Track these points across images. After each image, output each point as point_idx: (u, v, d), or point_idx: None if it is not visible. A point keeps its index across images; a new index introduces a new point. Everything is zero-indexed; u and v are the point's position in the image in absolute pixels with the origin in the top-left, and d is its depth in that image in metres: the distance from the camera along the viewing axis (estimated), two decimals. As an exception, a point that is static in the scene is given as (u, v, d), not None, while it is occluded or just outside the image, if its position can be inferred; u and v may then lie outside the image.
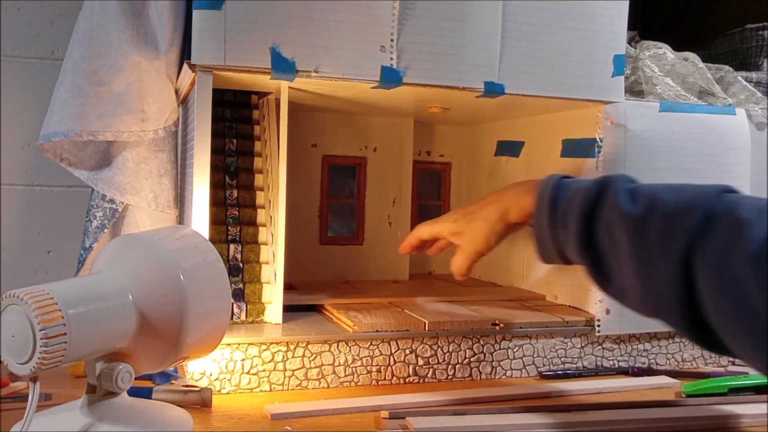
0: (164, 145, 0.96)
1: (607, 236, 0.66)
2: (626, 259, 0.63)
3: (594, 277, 0.68)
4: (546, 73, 0.88)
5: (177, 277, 0.61)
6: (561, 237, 0.71)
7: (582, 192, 0.69)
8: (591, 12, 0.89)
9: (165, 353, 0.63)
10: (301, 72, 0.79)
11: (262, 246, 0.87)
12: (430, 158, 1.28)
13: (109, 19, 0.91)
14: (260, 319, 0.84)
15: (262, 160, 0.91)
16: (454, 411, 0.73)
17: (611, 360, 0.93)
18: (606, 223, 0.66)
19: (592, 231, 0.67)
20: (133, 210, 0.98)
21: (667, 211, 0.61)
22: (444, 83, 0.84)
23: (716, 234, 0.56)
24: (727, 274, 0.54)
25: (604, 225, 0.66)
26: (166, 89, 0.94)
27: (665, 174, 0.93)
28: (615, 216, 0.65)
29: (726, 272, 0.54)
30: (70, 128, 0.91)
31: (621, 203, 0.64)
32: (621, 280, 0.65)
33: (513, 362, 0.88)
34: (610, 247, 0.65)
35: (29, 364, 0.55)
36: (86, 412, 0.61)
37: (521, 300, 1.02)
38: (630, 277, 0.63)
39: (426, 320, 0.84)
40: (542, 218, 0.73)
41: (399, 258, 1.19)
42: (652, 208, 0.62)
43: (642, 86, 1.00)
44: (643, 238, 0.62)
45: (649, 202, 0.63)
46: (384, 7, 0.81)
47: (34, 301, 0.55)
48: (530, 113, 1.08)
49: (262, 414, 0.72)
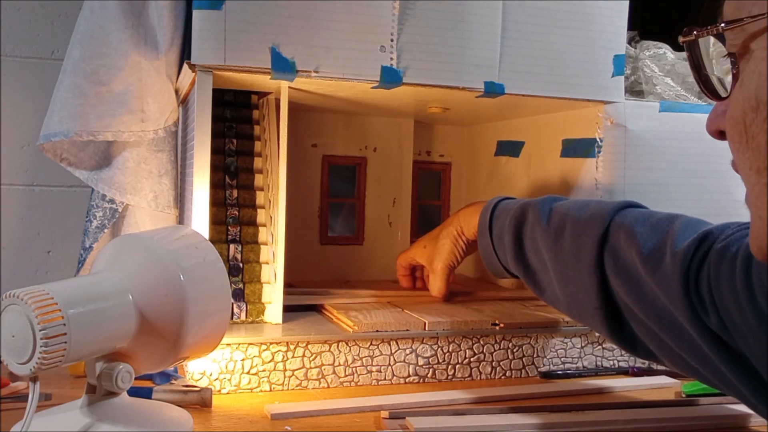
0: (164, 145, 0.96)
1: (533, 252, 0.74)
2: (551, 271, 0.71)
3: (531, 288, 0.77)
4: (546, 73, 0.88)
5: (177, 277, 0.61)
6: (501, 254, 0.80)
7: (511, 213, 0.77)
8: (591, 12, 0.89)
9: (165, 353, 0.62)
10: (301, 72, 0.79)
11: (262, 246, 0.87)
12: (430, 158, 1.28)
13: (109, 19, 0.91)
14: (260, 319, 0.84)
15: (262, 160, 0.91)
16: (454, 411, 0.73)
17: (611, 360, 0.93)
18: (532, 241, 0.74)
19: (522, 248, 0.76)
20: (133, 210, 0.98)
21: (577, 224, 0.69)
22: (444, 83, 0.84)
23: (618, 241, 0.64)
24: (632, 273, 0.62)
25: (530, 242, 0.74)
26: (166, 89, 0.94)
27: (665, 174, 0.93)
28: (537, 233, 0.73)
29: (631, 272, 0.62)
30: (70, 128, 0.91)
31: (541, 221, 0.73)
32: (551, 289, 0.73)
33: (513, 362, 0.88)
34: (537, 262, 0.74)
35: (29, 364, 0.55)
36: (86, 412, 0.61)
37: (521, 300, 1.02)
38: (556, 286, 0.71)
39: (426, 320, 0.84)
40: (484, 238, 0.82)
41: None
42: (564, 222, 0.70)
43: (642, 86, 1.01)
44: (560, 250, 0.70)
45: (562, 218, 0.71)
46: (384, 7, 0.81)
47: (34, 301, 0.55)
48: (530, 113, 1.08)
49: (262, 414, 0.72)
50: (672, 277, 0.58)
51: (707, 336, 0.56)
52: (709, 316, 0.55)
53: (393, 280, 1.18)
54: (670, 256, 0.59)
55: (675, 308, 0.58)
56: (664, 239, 0.61)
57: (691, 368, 0.61)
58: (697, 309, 0.56)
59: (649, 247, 0.61)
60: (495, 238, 0.80)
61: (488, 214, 0.81)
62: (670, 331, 0.60)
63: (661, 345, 0.62)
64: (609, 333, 0.67)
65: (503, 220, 0.79)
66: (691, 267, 0.57)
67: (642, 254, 0.61)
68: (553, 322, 0.89)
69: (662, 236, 0.61)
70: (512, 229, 0.76)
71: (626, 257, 0.63)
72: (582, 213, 0.69)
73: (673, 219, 0.63)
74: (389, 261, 1.18)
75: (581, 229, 0.68)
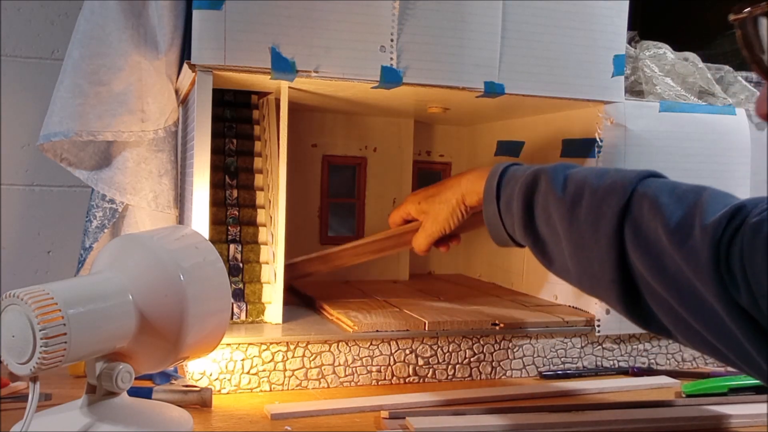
0: (164, 145, 0.96)
1: (545, 221, 0.70)
2: (563, 241, 0.68)
3: (539, 259, 0.73)
4: (546, 73, 0.88)
5: (177, 277, 0.61)
6: (508, 223, 0.76)
7: (522, 180, 0.73)
8: (591, 12, 0.89)
9: (165, 353, 0.62)
10: (301, 72, 0.79)
11: (262, 246, 0.87)
12: (430, 158, 1.28)
13: (109, 19, 0.91)
14: (260, 319, 0.84)
15: (262, 160, 0.91)
16: (454, 411, 0.73)
17: (611, 360, 0.93)
18: (543, 210, 0.70)
19: (533, 217, 0.72)
20: (133, 210, 0.98)
21: (595, 193, 0.65)
22: (444, 83, 0.84)
23: (641, 213, 0.61)
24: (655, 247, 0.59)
25: (542, 211, 0.70)
26: (166, 89, 0.94)
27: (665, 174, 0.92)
28: (551, 202, 0.69)
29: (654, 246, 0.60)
30: (70, 128, 0.91)
31: (556, 190, 0.69)
32: (562, 261, 0.70)
33: (513, 362, 0.88)
34: (550, 232, 0.70)
35: (29, 364, 0.55)
36: (86, 412, 0.61)
37: (521, 300, 1.02)
38: (568, 258, 0.68)
39: (426, 320, 0.84)
40: (490, 206, 0.77)
41: (399, 258, 1.19)
42: (582, 192, 0.67)
43: (642, 86, 1.01)
44: (576, 221, 0.66)
45: (579, 187, 0.67)
46: (384, 7, 0.81)
47: (34, 301, 0.55)
48: (530, 113, 1.08)
49: (262, 414, 0.72)
50: (701, 251, 0.55)
51: (735, 313, 0.54)
52: (739, 292, 0.53)
53: (393, 281, 1.18)
54: (700, 229, 0.56)
55: (702, 283, 0.56)
56: (692, 211, 0.58)
57: (709, 345, 0.59)
58: (727, 284, 0.54)
59: (675, 219, 0.58)
60: (502, 206, 0.76)
61: (495, 181, 0.77)
62: (691, 306, 0.58)
63: (678, 321, 0.60)
64: (623, 307, 0.65)
65: (512, 187, 0.75)
66: (722, 241, 0.55)
67: (668, 226, 0.58)
68: (553, 322, 0.89)
69: (690, 208, 0.59)
70: (522, 197, 0.72)
71: (649, 229, 0.60)
72: (601, 182, 0.66)
73: (701, 191, 0.61)
74: (389, 261, 1.19)
75: (600, 198, 0.65)
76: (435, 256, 1.29)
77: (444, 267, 1.30)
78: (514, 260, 1.14)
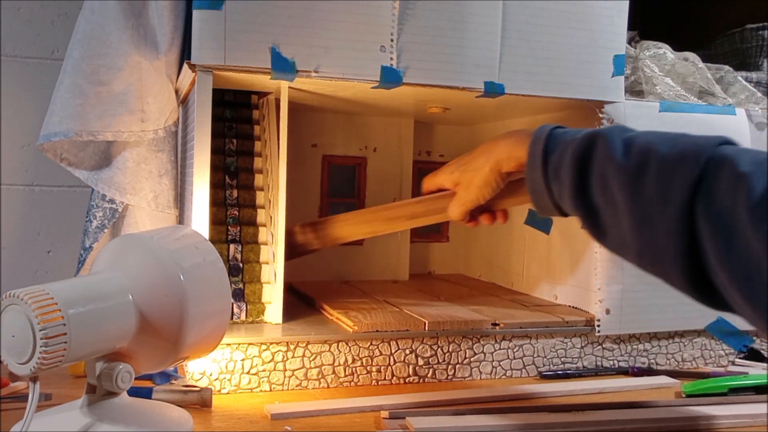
0: (164, 145, 0.96)
1: (602, 190, 0.64)
2: (623, 212, 0.62)
3: (590, 231, 0.67)
4: (546, 73, 0.88)
5: (177, 277, 0.61)
6: (555, 191, 0.70)
7: (574, 145, 0.67)
8: (591, 12, 0.89)
9: (165, 353, 0.62)
10: (301, 72, 0.79)
11: (262, 246, 0.87)
12: (430, 158, 1.28)
13: (109, 19, 0.91)
14: (260, 319, 0.84)
15: (262, 160, 0.91)
16: (454, 411, 0.73)
17: (611, 360, 0.93)
18: (600, 177, 0.64)
19: (586, 185, 0.66)
20: (133, 210, 0.98)
21: (665, 162, 0.59)
22: (444, 83, 0.84)
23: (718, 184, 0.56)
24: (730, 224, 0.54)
25: (599, 179, 0.64)
26: (166, 89, 0.94)
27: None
28: (609, 169, 0.63)
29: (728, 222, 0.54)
30: (70, 128, 0.91)
31: (616, 156, 0.63)
32: (618, 233, 0.64)
33: (513, 362, 0.88)
34: (606, 201, 0.64)
35: (29, 364, 0.55)
36: (86, 412, 0.61)
37: (521, 300, 1.02)
38: (628, 230, 0.62)
39: (426, 320, 0.84)
40: (535, 172, 0.71)
41: (399, 258, 1.19)
42: (648, 159, 0.61)
43: (642, 86, 1.00)
44: (641, 191, 0.60)
45: (644, 154, 0.61)
46: (384, 7, 0.81)
47: (34, 301, 0.55)
48: (530, 113, 1.08)
49: (262, 414, 0.72)
50: None
51: None
52: None
53: (393, 281, 1.18)
54: None
55: None
56: None
57: None
58: None
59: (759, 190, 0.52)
60: (550, 173, 0.70)
61: (541, 145, 0.71)
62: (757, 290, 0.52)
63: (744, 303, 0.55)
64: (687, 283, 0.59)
65: (561, 151, 0.69)
66: None
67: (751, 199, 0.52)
68: (553, 322, 0.89)
69: None
70: (575, 162, 0.66)
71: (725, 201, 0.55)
72: (672, 149, 0.60)
73: None
74: (389, 261, 1.19)
75: (671, 167, 0.59)
76: (435, 256, 1.29)
77: (444, 267, 1.30)
78: (514, 260, 1.14)
